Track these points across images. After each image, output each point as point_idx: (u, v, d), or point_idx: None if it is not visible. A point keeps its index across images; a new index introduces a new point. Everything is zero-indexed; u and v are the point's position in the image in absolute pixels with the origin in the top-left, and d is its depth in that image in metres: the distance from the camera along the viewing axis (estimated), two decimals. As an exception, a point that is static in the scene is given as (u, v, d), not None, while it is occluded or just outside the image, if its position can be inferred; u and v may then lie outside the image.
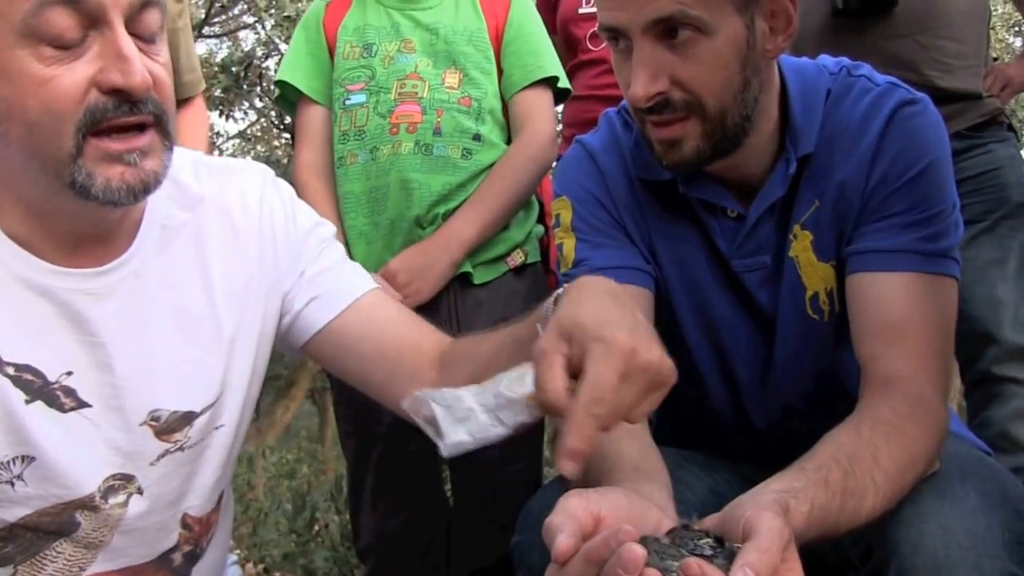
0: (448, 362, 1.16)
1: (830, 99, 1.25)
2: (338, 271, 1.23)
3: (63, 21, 0.90)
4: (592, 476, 0.97)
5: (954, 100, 2.13)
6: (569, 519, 0.78)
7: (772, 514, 0.81)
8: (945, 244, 1.19)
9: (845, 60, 1.30)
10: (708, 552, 0.78)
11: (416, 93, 1.76)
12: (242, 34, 4.59)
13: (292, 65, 1.87)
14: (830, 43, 2.07)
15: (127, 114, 0.95)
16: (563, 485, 1.06)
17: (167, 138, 1.00)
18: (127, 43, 0.93)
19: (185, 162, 1.13)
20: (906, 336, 1.15)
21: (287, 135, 4.56)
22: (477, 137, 1.77)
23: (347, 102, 1.79)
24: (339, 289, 1.21)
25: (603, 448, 1.03)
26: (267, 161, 4.99)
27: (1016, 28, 5.04)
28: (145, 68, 0.94)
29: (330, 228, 1.26)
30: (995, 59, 2.57)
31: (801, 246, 1.26)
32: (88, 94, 0.93)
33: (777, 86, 1.24)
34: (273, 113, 4.31)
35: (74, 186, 0.95)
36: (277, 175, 1.27)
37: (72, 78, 0.92)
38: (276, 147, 5.22)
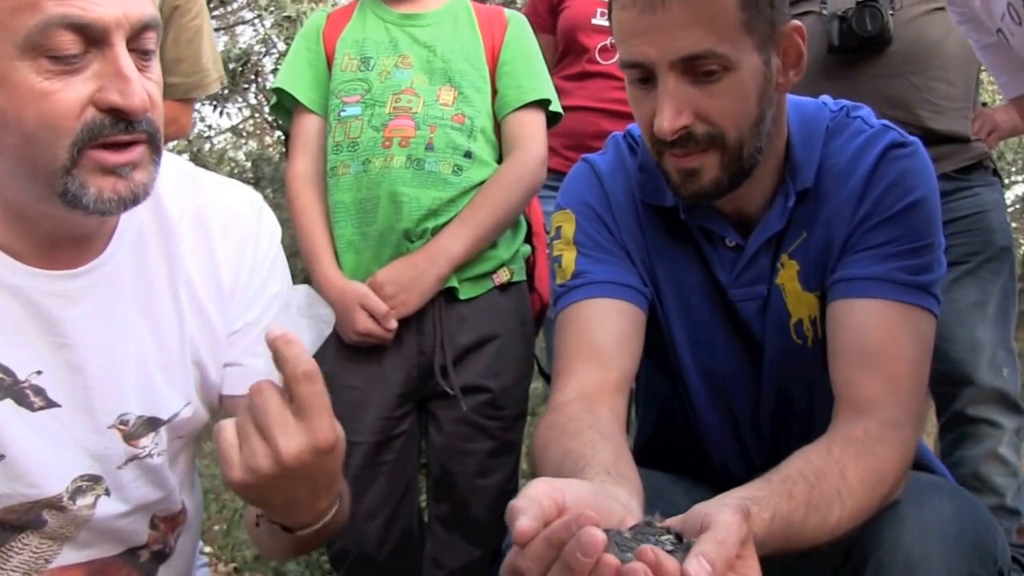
0: None
1: (827, 135, 1.29)
2: None
3: (66, 39, 0.91)
4: (563, 476, 0.98)
5: (943, 142, 2.16)
6: (532, 503, 0.78)
7: (731, 510, 0.82)
8: (925, 278, 1.22)
9: (847, 101, 1.33)
10: (668, 548, 0.79)
11: (411, 108, 1.77)
12: (239, 29, 4.60)
13: (290, 74, 1.88)
14: (825, 79, 2.10)
15: (123, 132, 0.96)
16: None
17: (156, 152, 1.01)
18: (128, 64, 0.94)
19: (170, 171, 1.13)
20: (880, 362, 1.17)
21: (280, 133, 4.57)
22: (468, 154, 1.78)
23: (342, 113, 1.80)
24: (256, 373, 1.16)
25: (577, 450, 1.06)
26: (259, 158, 4.98)
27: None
28: (143, 89, 0.95)
29: (288, 289, 1.24)
30: (984, 104, 2.61)
31: (787, 275, 1.29)
32: (86, 111, 0.94)
33: (784, 121, 1.28)
34: (266, 110, 4.32)
35: (65, 195, 0.95)
36: (268, 172, 1.26)
37: (71, 94, 0.92)
38: (268, 144, 5.22)
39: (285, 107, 1.91)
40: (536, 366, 1.95)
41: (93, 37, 0.92)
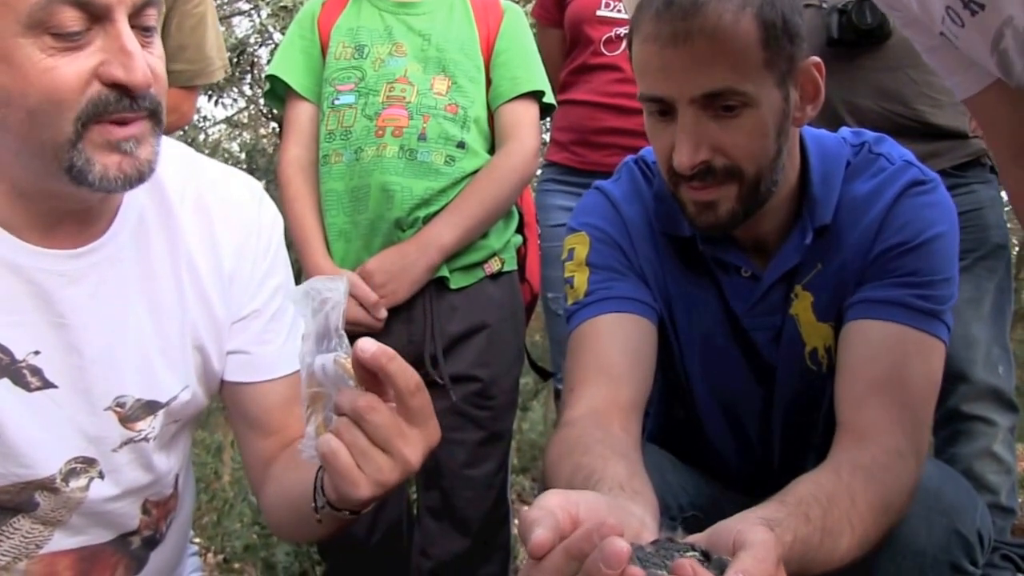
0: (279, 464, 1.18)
1: (848, 172, 1.30)
2: (283, 339, 1.21)
3: (69, 15, 0.91)
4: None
5: (942, 137, 2.17)
6: (547, 514, 0.75)
7: (764, 528, 0.79)
8: (938, 306, 1.23)
9: (868, 134, 1.34)
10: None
11: (404, 97, 1.77)
12: (235, 20, 4.58)
13: (285, 61, 1.88)
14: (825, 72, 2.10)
15: (127, 109, 0.96)
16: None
17: (158, 126, 1.01)
18: (131, 39, 0.94)
19: (171, 156, 1.12)
20: (890, 390, 1.17)
21: (275, 124, 4.56)
22: (461, 145, 1.78)
23: (336, 102, 1.80)
24: (274, 361, 1.20)
25: (589, 465, 1.05)
26: (253, 149, 4.97)
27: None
28: (146, 64, 0.95)
29: (291, 278, 1.25)
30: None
31: (801, 306, 1.31)
32: (90, 86, 0.94)
33: (798, 153, 1.28)
34: (262, 101, 4.30)
35: (71, 170, 0.96)
36: (263, 164, 1.26)
37: (75, 68, 0.92)
38: (263, 135, 5.21)
39: (279, 95, 1.91)
40: (527, 358, 1.95)
41: (95, 14, 0.92)
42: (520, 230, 1.92)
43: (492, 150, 1.85)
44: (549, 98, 1.88)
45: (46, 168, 0.96)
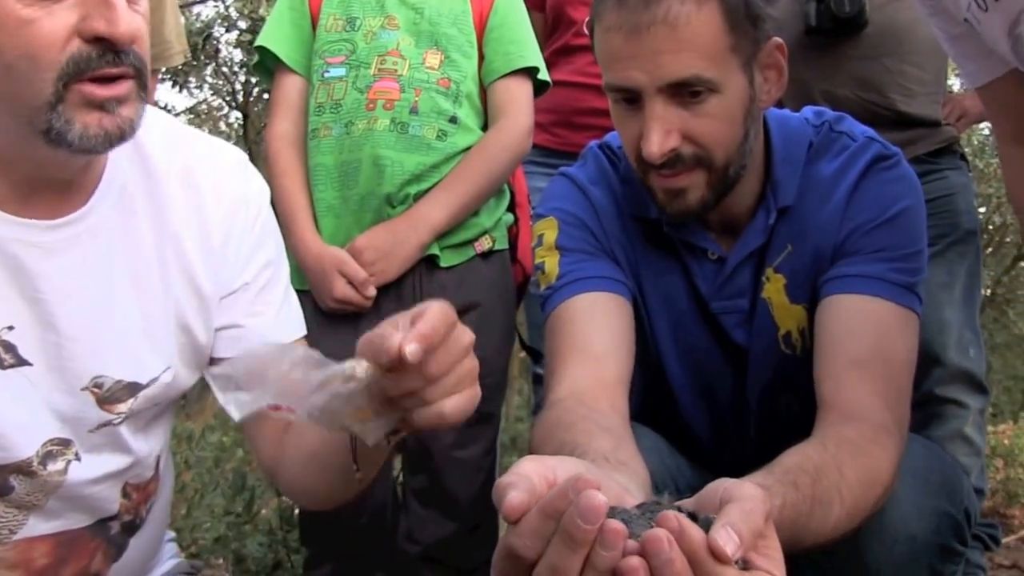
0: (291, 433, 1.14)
1: (811, 152, 1.31)
2: (276, 308, 1.19)
3: None
4: None
5: (914, 125, 2.20)
6: (522, 479, 0.69)
7: (753, 485, 0.75)
8: (912, 278, 1.24)
9: (828, 113, 1.36)
10: None
11: (396, 71, 1.75)
12: (198, 8, 4.53)
13: (273, 33, 1.85)
14: (801, 60, 2.12)
15: (110, 64, 0.92)
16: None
17: (143, 88, 0.98)
18: None
19: (154, 127, 1.09)
20: (871, 366, 1.17)
21: (238, 113, 4.49)
22: (454, 120, 1.77)
23: (326, 74, 1.78)
24: (269, 330, 1.17)
25: (572, 440, 1.03)
26: (215, 139, 4.92)
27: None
28: (130, 16, 0.92)
29: (282, 244, 1.22)
30: (950, 91, 2.67)
31: (774, 288, 1.31)
32: (70, 42, 0.90)
33: (762, 135, 1.29)
34: (226, 91, 4.23)
35: (49, 133, 0.92)
36: None
37: (53, 23, 0.89)
38: (225, 128, 5.15)
39: (267, 67, 1.88)
40: (519, 339, 1.94)
41: None
42: (512, 209, 1.91)
43: (486, 127, 1.84)
44: (544, 75, 1.88)
45: (21, 130, 0.93)
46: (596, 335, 1.26)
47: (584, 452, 0.97)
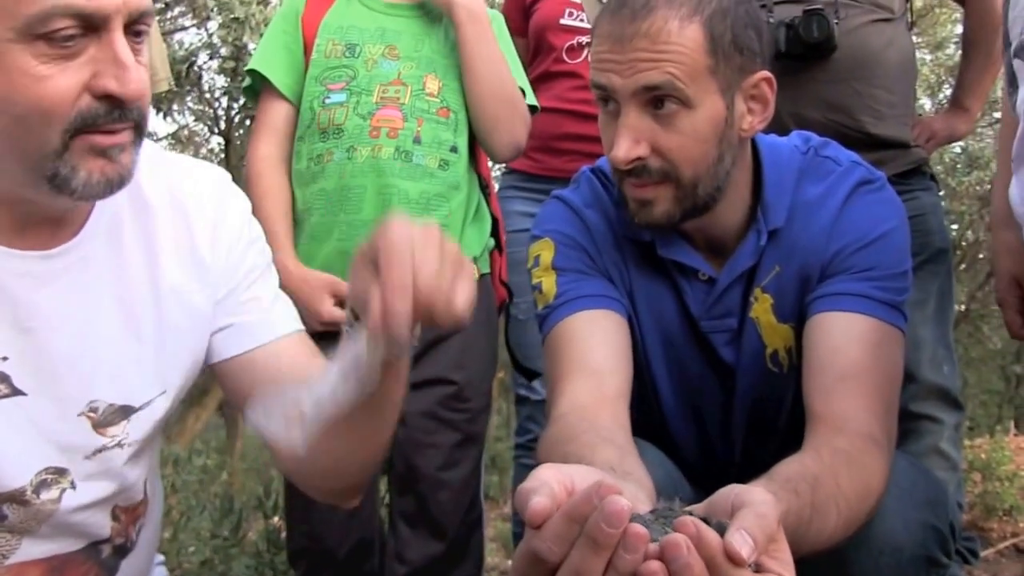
0: None
1: (798, 176, 1.34)
2: (267, 304, 1.20)
3: (66, 23, 0.90)
4: None
5: (884, 147, 2.23)
6: (543, 484, 0.72)
7: (763, 489, 0.77)
8: (897, 297, 1.28)
9: (814, 139, 1.40)
10: None
11: (398, 99, 1.77)
12: (179, 35, 4.54)
13: (266, 56, 1.86)
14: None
15: (116, 120, 0.95)
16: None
17: (140, 136, 1.00)
18: (125, 51, 0.93)
19: (143, 154, 1.10)
20: (859, 380, 1.20)
21: (220, 139, 4.51)
22: (454, 149, 1.80)
23: (327, 100, 1.79)
24: (260, 324, 1.18)
25: (576, 452, 1.05)
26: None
27: (930, 91, 5.36)
28: (139, 76, 0.94)
29: (268, 253, 1.24)
30: (919, 114, 2.71)
31: (761, 308, 1.35)
32: (80, 98, 0.93)
33: (750, 161, 1.33)
34: (208, 116, 4.25)
35: (54, 179, 0.94)
36: None
37: (66, 80, 0.91)
38: (206, 153, 5.15)
39: (256, 89, 1.88)
40: (512, 360, 1.96)
41: (92, 23, 0.91)
42: (495, 234, 1.94)
43: (472, 151, 1.87)
44: (531, 99, 1.91)
45: (26, 176, 0.95)
46: (595, 351, 1.28)
47: (589, 464, 0.97)
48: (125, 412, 1.08)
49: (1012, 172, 1.43)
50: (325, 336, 1.71)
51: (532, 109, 1.93)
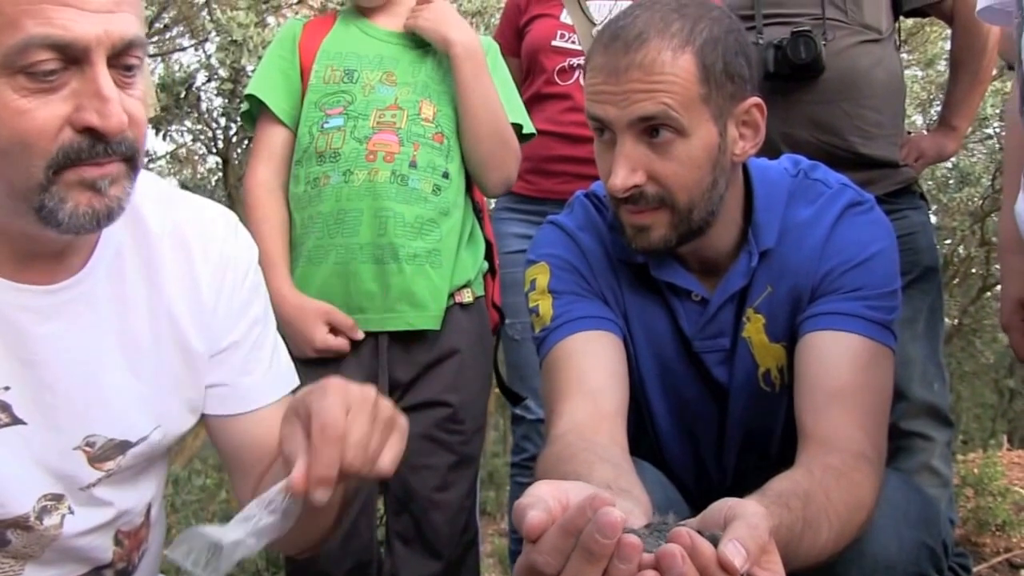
0: None
1: (789, 199, 1.37)
2: (265, 365, 1.21)
3: (45, 56, 0.88)
4: None
5: (873, 166, 2.25)
6: (539, 500, 0.75)
7: (755, 503, 0.80)
8: (888, 316, 1.30)
9: (804, 162, 1.42)
10: None
11: (394, 123, 1.79)
12: (177, 55, 4.57)
13: (264, 82, 1.86)
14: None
15: (100, 156, 0.94)
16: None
17: (133, 170, 0.99)
18: (107, 83, 0.92)
19: (148, 191, 1.11)
20: (850, 398, 1.22)
21: (217, 159, 4.53)
22: (446, 175, 1.81)
23: (325, 125, 1.80)
24: (254, 390, 1.19)
25: (574, 472, 1.07)
26: (195, 186, 4.94)
27: (921, 107, 5.38)
28: (122, 108, 0.93)
29: (268, 306, 1.24)
30: (909, 133, 2.74)
31: (754, 328, 1.37)
32: (62, 132, 0.91)
33: (741, 184, 1.36)
34: (206, 136, 4.26)
35: (41, 211, 0.93)
36: (206, 197, 1.26)
37: (47, 113, 0.90)
38: (203, 172, 5.18)
39: (253, 115, 1.89)
40: (498, 382, 1.98)
41: (72, 55, 0.90)
42: (489, 257, 1.95)
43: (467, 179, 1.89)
44: (528, 127, 1.93)
45: (16, 207, 0.95)
46: (592, 371, 1.31)
47: (587, 482, 0.98)
48: (122, 447, 1.09)
49: (1020, 187, 1.44)
50: (318, 362, 1.76)
51: (530, 136, 1.95)
